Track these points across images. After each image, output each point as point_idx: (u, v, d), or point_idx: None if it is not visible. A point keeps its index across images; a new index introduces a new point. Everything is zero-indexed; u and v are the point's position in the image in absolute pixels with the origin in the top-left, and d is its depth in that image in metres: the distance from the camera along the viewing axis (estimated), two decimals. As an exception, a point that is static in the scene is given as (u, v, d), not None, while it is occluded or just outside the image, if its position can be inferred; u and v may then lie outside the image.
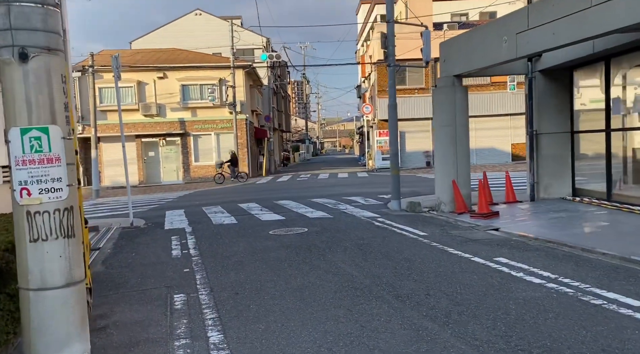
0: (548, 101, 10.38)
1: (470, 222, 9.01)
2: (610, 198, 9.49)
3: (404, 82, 27.00)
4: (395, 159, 11.15)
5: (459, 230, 8.28)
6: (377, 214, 10.53)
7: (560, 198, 10.49)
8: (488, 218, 9.17)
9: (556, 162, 10.44)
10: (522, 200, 10.90)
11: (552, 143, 10.42)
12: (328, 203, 12.91)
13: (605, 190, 9.82)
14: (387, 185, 17.53)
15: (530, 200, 10.62)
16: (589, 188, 10.32)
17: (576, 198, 10.27)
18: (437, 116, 10.59)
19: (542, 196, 10.58)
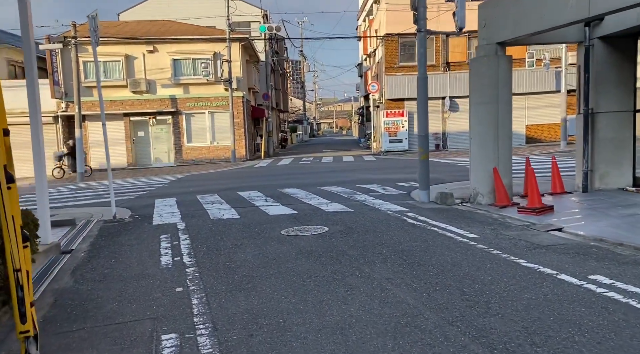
0: (608, 74, 8.76)
1: (520, 219, 7.48)
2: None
3: (412, 58, 25.22)
4: (424, 141, 9.55)
5: (513, 230, 6.74)
6: (404, 207, 8.96)
7: (618, 188, 8.96)
8: (541, 214, 7.64)
9: (615, 146, 8.89)
10: (571, 191, 9.38)
11: (611, 124, 8.85)
12: (342, 192, 11.33)
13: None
14: (401, 171, 16.02)
15: (582, 190, 9.09)
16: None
17: (635, 188, 8.75)
18: (475, 92, 8.96)
19: (598, 187, 9.05)
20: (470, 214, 8.14)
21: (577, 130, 9.39)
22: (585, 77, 8.71)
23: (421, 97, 9.44)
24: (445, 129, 25.28)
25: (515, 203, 8.63)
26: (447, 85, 24.88)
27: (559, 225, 6.87)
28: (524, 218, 7.50)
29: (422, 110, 9.46)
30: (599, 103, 8.80)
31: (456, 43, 24.95)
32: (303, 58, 55.70)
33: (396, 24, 24.67)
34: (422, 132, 9.50)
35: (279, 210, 9.17)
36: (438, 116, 25.22)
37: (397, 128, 24.61)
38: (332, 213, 8.64)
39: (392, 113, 24.70)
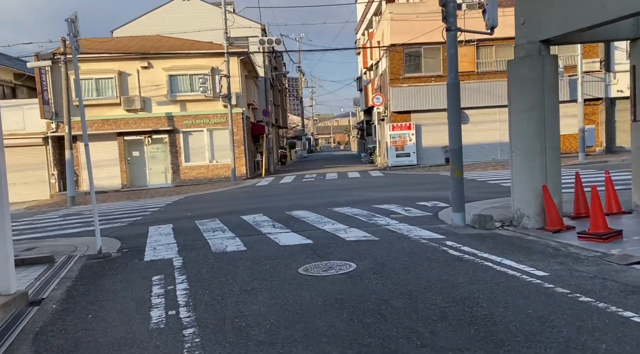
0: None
1: (586, 248, 6.20)
2: None
3: (418, 69, 24.17)
4: (457, 156, 8.29)
5: (587, 265, 5.45)
6: (438, 233, 7.68)
7: (689, 207, 7.70)
8: (609, 241, 6.36)
9: (683, 158, 7.65)
10: (629, 210, 8.11)
11: (678, 132, 7.62)
12: (359, 214, 10.04)
13: None
14: (416, 187, 14.77)
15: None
16: None
17: None
18: (516, 98, 7.75)
19: (666, 205, 7.78)
20: (520, 241, 6.85)
21: (633, 140, 8.15)
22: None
23: (452, 105, 8.22)
24: (455, 142, 24.08)
25: (570, 226, 7.36)
26: (456, 96, 23.76)
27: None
28: (589, 247, 6.22)
29: (454, 120, 8.23)
30: (661, 108, 7.59)
31: (464, 52, 23.88)
32: (301, 74, 54.83)
33: (401, 34, 23.66)
34: (454, 144, 8.26)
35: (291, 239, 7.86)
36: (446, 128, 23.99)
37: (404, 141, 23.42)
38: (354, 242, 7.34)
39: (398, 127, 23.54)
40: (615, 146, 23.85)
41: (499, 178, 16.04)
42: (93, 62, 23.11)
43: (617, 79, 23.53)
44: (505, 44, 23.75)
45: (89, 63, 23.03)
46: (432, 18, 23.28)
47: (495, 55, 24.00)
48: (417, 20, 23.27)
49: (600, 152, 23.32)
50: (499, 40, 23.59)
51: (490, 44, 23.86)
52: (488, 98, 23.73)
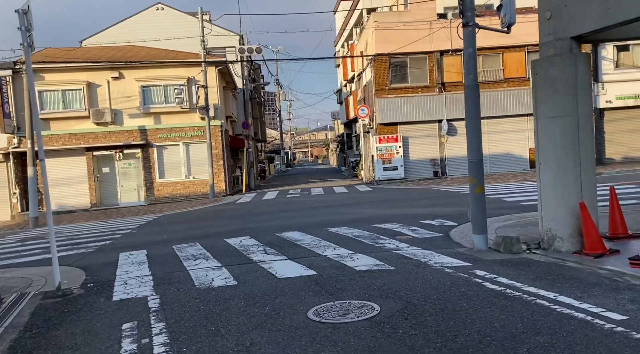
0: None
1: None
2: None
3: (404, 79, 23.37)
4: (478, 169, 7.23)
5: (664, 301, 4.43)
6: (461, 260, 6.59)
7: None
8: (669, 268, 5.38)
9: None
10: (670, 229, 7.20)
11: None
12: (360, 236, 8.91)
13: None
14: (413, 204, 13.68)
15: (690, 229, 6.91)
16: None
17: None
18: (545, 103, 6.79)
19: None
20: (561, 270, 5.82)
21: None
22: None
23: (472, 111, 7.21)
24: (443, 154, 23.29)
25: (613, 250, 6.38)
26: (444, 107, 23.04)
27: None
28: (649, 275, 5.22)
29: (474, 128, 7.21)
30: None
31: (451, 62, 23.25)
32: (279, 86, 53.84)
33: (386, 44, 22.87)
34: (475, 155, 7.23)
35: (290, 269, 6.67)
36: (435, 140, 23.25)
37: (391, 154, 22.49)
38: (366, 273, 6.19)
39: (385, 139, 22.61)
40: (605, 157, 23.41)
41: (498, 192, 15.16)
42: (59, 72, 21.58)
43: (605, 90, 23.19)
44: (492, 53, 23.21)
45: (55, 73, 21.51)
46: (417, 27, 22.63)
47: (482, 66, 23.40)
48: (402, 29, 22.54)
49: (590, 163, 22.79)
50: (485, 50, 23.04)
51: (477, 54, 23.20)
52: (476, 109, 23.02)
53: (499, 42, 22.74)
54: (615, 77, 23.26)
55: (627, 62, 23.62)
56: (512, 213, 10.35)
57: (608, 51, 23.42)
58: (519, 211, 10.69)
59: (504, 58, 23.32)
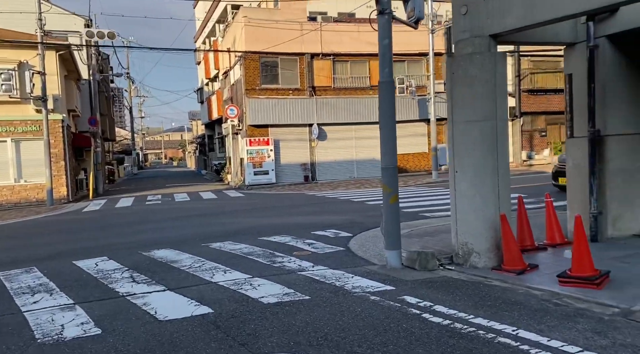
0: (616, 85, 6.82)
1: (581, 297, 4.85)
2: None
3: (275, 80, 22.42)
4: (392, 176, 6.40)
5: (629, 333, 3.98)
6: (380, 282, 5.69)
7: (633, 235, 6.99)
8: (601, 287, 5.08)
9: (627, 180, 6.94)
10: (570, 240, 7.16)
11: (624, 150, 6.90)
12: (252, 253, 7.57)
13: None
14: (294, 211, 12.59)
15: (591, 239, 6.90)
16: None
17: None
18: (462, 105, 6.25)
19: (610, 234, 6.94)
20: (492, 291, 5.24)
21: (570, 159, 7.28)
22: (590, 88, 6.64)
23: (386, 111, 6.39)
24: (314, 159, 22.83)
25: (532, 265, 6.02)
26: (314, 111, 22.60)
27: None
28: (586, 296, 4.85)
29: (388, 130, 6.39)
30: (607, 123, 6.80)
31: (321, 66, 22.93)
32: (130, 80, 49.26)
33: (256, 41, 21.70)
34: (389, 161, 6.40)
35: (174, 306, 5.11)
36: (306, 145, 22.70)
37: (263, 158, 21.35)
38: (277, 306, 4.94)
39: (256, 141, 21.39)
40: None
41: (372, 198, 14.92)
42: None
43: (459, 101, 24.82)
44: (359, 60, 23.45)
45: None
46: (288, 27, 21.89)
47: (350, 72, 23.51)
48: (273, 28, 21.59)
49: (446, 170, 24.26)
50: (353, 56, 23.23)
51: (345, 60, 23.33)
52: (345, 114, 23.06)
53: (366, 49, 23.09)
54: (467, 91, 25.07)
55: (475, 78, 25.66)
56: (401, 222, 9.90)
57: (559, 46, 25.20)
58: (405, 219, 10.29)
59: (370, 66, 23.70)
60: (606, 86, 6.72)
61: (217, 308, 4.97)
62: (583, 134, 6.96)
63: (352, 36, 22.83)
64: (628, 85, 6.82)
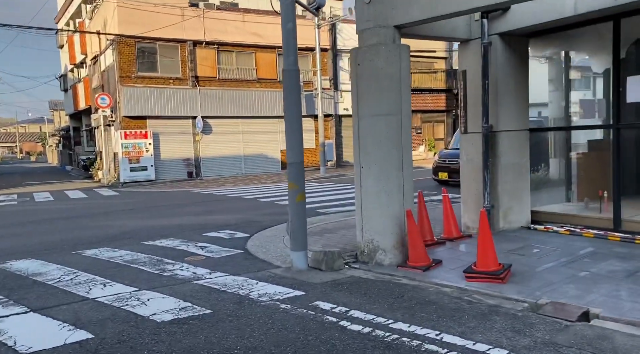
0: (507, 82, 7.07)
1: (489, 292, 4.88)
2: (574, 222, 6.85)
3: (154, 68, 20.77)
4: (298, 172, 5.95)
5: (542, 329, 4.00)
6: (287, 287, 5.24)
7: (521, 227, 7.33)
8: (504, 281, 5.16)
9: (516, 175, 7.25)
10: (466, 233, 7.33)
11: (513, 145, 7.19)
12: (135, 260, 6.64)
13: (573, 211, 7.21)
14: (181, 211, 11.52)
15: (484, 231, 7.11)
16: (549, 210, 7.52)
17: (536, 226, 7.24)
18: (368, 98, 6.01)
19: (502, 227, 7.21)
20: (403, 290, 5.08)
21: (462, 154, 7.46)
22: (484, 84, 6.82)
23: (291, 100, 5.91)
24: (198, 154, 21.60)
25: (436, 260, 5.99)
26: (198, 102, 21.37)
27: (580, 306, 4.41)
28: (493, 291, 4.88)
29: (294, 121, 5.93)
30: (499, 119, 7.04)
31: (204, 55, 21.74)
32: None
33: (131, 24, 19.89)
34: (295, 156, 5.94)
35: (42, 332, 4.16)
36: (189, 138, 21.39)
37: (140, 152, 19.66)
38: (173, 324, 4.24)
39: (132, 134, 19.62)
40: (342, 160, 25.55)
41: (264, 195, 14.44)
42: None
43: (343, 98, 25.28)
44: (245, 51, 22.71)
45: None
46: (167, 11, 20.44)
47: (236, 63, 22.67)
48: (151, 11, 19.96)
49: (332, 166, 24.57)
50: (239, 47, 22.44)
51: (230, 50, 22.42)
52: (231, 107, 22.16)
53: (252, 40, 22.44)
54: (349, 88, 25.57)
55: (358, 75, 26.29)
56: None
57: (344, 62, 25.65)
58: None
59: (257, 57, 23.07)
60: (498, 83, 6.96)
61: (99, 331, 4.13)
62: (476, 130, 7.15)
63: (237, 26, 21.98)
64: (517, 83, 7.15)
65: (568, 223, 7.02)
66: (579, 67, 8.16)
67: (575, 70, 8.10)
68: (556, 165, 8.31)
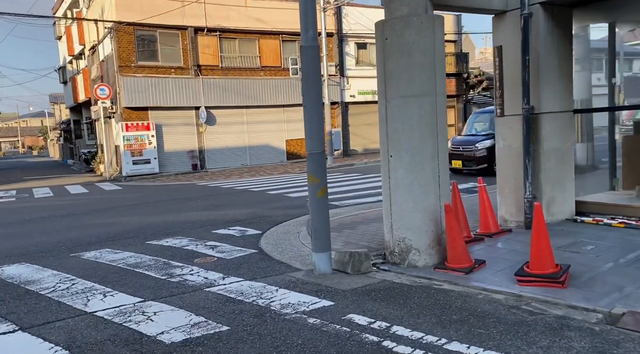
0: (550, 58, 6.32)
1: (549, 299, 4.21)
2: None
3: (154, 57, 20.01)
4: (319, 163, 5.25)
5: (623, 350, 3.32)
6: (312, 295, 4.57)
7: (566, 219, 6.61)
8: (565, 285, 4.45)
9: (559, 161, 6.53)
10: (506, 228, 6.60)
11: (556, 129, 6.46)
12: (140, 264, 5.98)
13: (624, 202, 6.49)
14: (186, 205, 10.75)
15: (525, 226, 6.41)
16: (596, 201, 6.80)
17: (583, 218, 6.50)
18: (399, 77, 5.27)
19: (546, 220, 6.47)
20: (450, 299, 4.40)
21: (499, 140, 6.73)
22: (525, 60, 6.06)
23: (311, 82, 5.18)
24: (202, 146, 20.90)
25: (478, 261, 5.30)
26: (201, 92, 20.63)
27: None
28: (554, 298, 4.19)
29: (313, 105, 5.21)
30: (541, 99, 6.30)
31: (206, 43, 20.96)
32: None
33: (129, 11, 19.10)
34: (314, 145, 5.21)
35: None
36: (193, 130, 20.68)
37: (143, 145, 18.98)
38: (184, 345, 3.58)
39: (133, 126, 18.93)
40: (350, 149, 24.81)
41: (272, 187, 13.75)
42: None
43: (349, 84, 24.48)
44: (248, 38, 21.90)
45: None
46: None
47: (239, 50, 21.87)
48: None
49: (339, 155, 23.84)
50: (242, 33, 21.63)
51: (233, 37, 21.60)
52: (235, 97, 21.41)
53: (254, 26, 21.63)
54: (357, 73, 24.81)
55: (364, 60, 25.49)
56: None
57: (350, 47, 24.81)
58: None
59: (260, 44, 22.26)
60: (540, 59, 6.21)
61: (97, 357, 3.47)
62: (515, 112, 6.42)
63: (239, 11, 21.15)
64: (560, 58, 6.40)
65: (619, 214, 6.30)
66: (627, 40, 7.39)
67: (622, 43, 7.34)
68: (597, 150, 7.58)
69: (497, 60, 6.60)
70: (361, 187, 12.40)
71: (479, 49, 55.96)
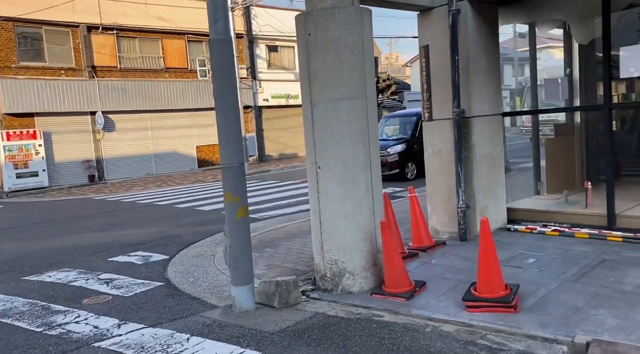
0: (479, 58, 5.96)
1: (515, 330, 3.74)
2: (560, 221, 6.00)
3: (40, 57, 17.78)
4: (238, 177, 4.40)
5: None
6: (235, 344, 3.73)
7: (498, 228, 6.28)
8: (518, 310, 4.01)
9: (490, 167, 6.19)
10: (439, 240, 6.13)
11: (486, 133, 6.10)
12: (10, 310, 4.73)
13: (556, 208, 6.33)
14: (78, 225, 9.19)
15: (460, 238, 5.99)
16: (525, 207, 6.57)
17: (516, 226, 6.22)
18: (325, 77, 4.59)
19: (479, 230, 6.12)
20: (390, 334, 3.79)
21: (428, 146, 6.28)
22: (454, 60, 5.65)
23: (224, 81, 4.33)
24: (100, 154, 18.93)
25: (418, 282, 4.74)
26: (97, 96, 18.69)
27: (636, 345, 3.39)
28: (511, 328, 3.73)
29: (228, 108, 4.37)
30: (472, 102, 5.91)
31: (102, 42, 19.05)
32: None
33: (9, 5, 16.80)
34: (231, 156, 4.36)
35: None
36: (89, 137, 18.65)
37: (29, 155, 16.73)
38: None
39: (17, 135, 16.63)
40: (265, 155, 23.95)
41: (181, 199, 12.57)
42: None
43: (262, 88, 23.66)
44: (150, 37, 20.30)
45: None
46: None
47: (139, 50, 20.19)
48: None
49: (254, 161, 22.89)
50: (142, 32, 20.00)
51: (133, 36, 19.90)
52: (137, 100, 19.69)
53: (157, 25, 20.12)
54: (269, 76, 24.05)
55: (276, 63, 24.78)
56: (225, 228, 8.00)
57: (261, 50, 24.00)
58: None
59: (163, 44, 20.74)
60: (469, 59, 5.84)
61: None
62: (444, 116, 6.01)
63: (138, 8, 19.50)
64: (489, 58, 6.09)
65: (551, 221, 6.10)
66: (554, 39, 7.32)
67: (550, 42, 7.25)
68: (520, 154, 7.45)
69: (424, 60, 6.16)
70: (280, 196, 11.63)
71: (384, 55, 57.55)
